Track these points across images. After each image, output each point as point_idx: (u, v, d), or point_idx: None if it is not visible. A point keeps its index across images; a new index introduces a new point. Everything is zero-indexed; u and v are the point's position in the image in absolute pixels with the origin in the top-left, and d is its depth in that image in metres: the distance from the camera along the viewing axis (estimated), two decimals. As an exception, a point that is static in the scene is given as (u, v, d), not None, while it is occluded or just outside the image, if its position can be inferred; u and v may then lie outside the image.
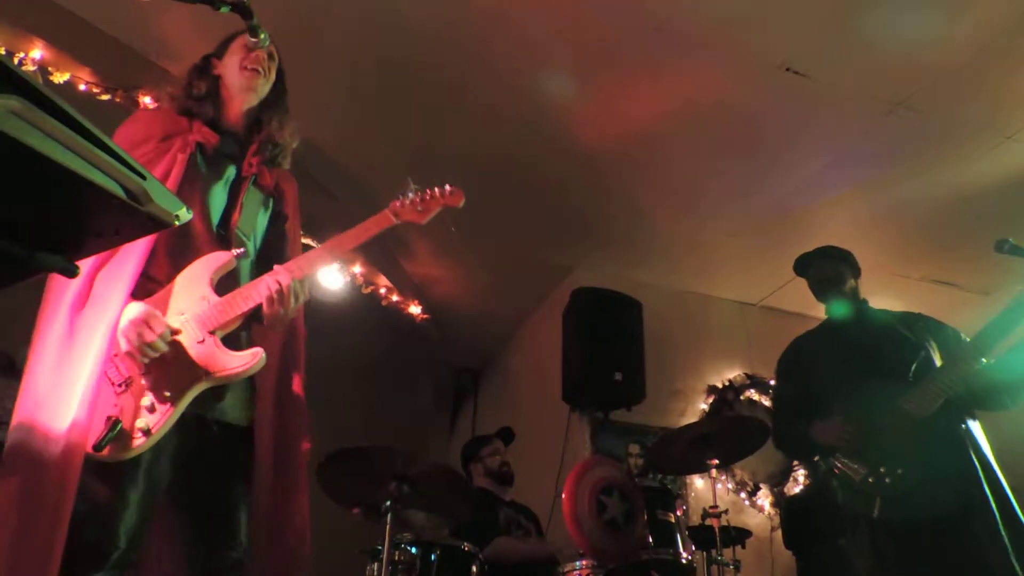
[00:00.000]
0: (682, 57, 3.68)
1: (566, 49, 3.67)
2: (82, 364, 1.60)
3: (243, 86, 1.97)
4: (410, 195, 1.99)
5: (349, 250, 1.85)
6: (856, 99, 3.83)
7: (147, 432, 1.60)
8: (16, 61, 3.40)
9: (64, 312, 1.67)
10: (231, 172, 1.93)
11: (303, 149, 2.16)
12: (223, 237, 1.86)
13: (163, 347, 1.66)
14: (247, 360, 1.71)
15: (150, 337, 1.63)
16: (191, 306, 1.72)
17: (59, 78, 3.56)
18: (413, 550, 2.85)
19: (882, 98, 3.82)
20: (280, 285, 1.73)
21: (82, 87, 3.62)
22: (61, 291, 1.70)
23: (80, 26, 3.56)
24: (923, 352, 2.72)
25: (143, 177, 0.85)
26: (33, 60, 3.48)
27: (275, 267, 1.79)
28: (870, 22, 3.39)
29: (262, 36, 1.79)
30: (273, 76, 2.02)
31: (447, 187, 2.05)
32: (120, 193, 0.83)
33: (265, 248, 2.00)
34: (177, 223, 0.91)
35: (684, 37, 3.55)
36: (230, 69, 1.98)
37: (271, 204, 2.02)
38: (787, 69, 3.65)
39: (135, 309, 1.66)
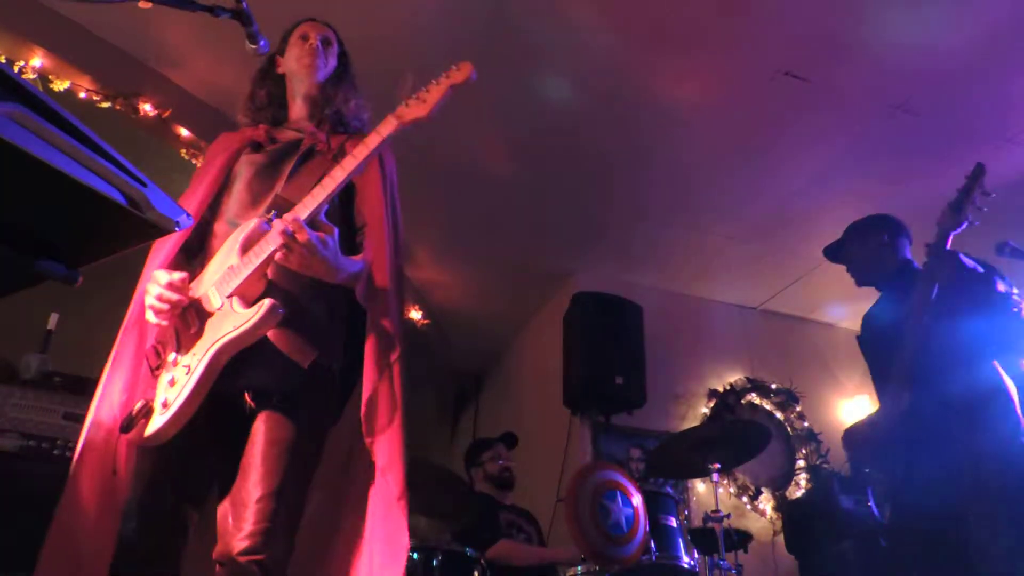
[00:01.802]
0: (682, 61, 3.69)
1: (567, 54, 3.67)
2: (123, 352, 1.70)
3: (302, 75, 2.00)
4: (412, 92, 1.77)
5: (354, 169, 1.68)
6: (855, 103, 3.83)
7: (166, 404, 1.56)
8: (17, 69, 3.41)
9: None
10: (290, 151, 1.90)
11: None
12: (268, 207, 1.78)
13: (172, 296, 1.63)
14: (250, 314, 1.57)
15: (155, 291, 1.63)
16: (216, 274, 1.69)
17: (59, 86, 3.56)
18: (415, 556, 2.84)
19: (881, 101, 3.82)
20: (279, 231, 1.58)
21: (82, 95, 3.63)
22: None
23: (80, 34, 3.57)
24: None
25: (143, 184, 0.85)
26: (33, 68, 3.48)
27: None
28: (869, 26, 3.40)
29: (262, 43, 1.79)
30: (332, 59, 2.06)
31: (452, 66, 1.76)
32: (120, 200, 0.83)
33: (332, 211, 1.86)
34: (177, 229, 0.91)
35: (684, 42, 3.56)
36: (290, 63, 2.03)
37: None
38: (786, 73, 3.66)
39: (150, 285, 1.67)
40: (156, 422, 1.56)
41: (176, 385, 1.58)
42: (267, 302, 1.57)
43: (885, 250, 2.75)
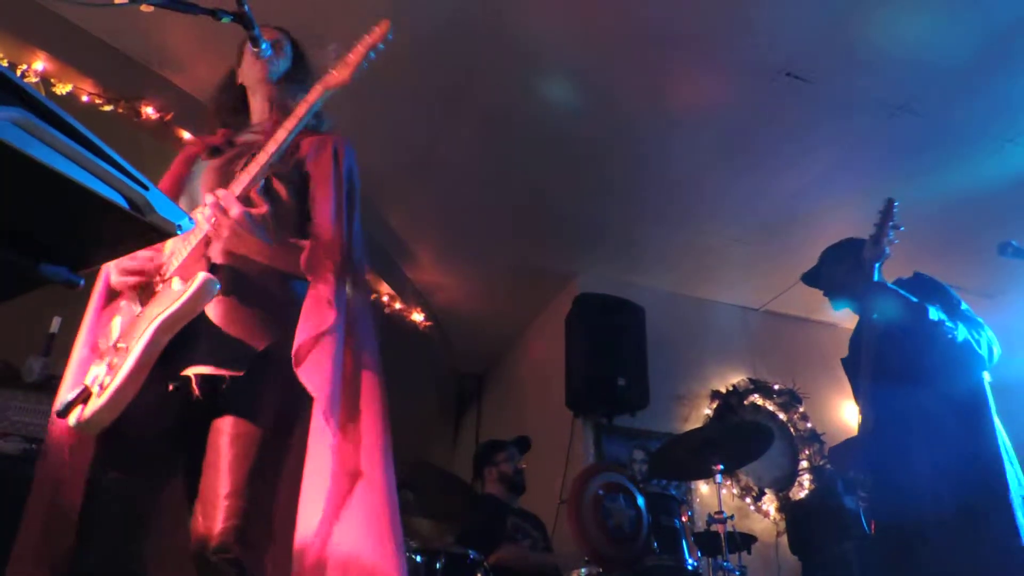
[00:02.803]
0: (683, 62, 3.69)
1: (569, 55, 3.67)
2: (78, 346, 1.74)
3: (256, 79, 2.02)
4: (335, 59, 1.80)
5: (286, 140, 1.69)
6: (857, 103, 3.83)
7: (102, 387, 1.52)
8: (19, 73, 3.42)
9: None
10: (245, 151, 1.89)
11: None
12: None
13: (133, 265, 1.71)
14: (185, 288, 1.54)
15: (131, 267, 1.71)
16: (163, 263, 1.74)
17: (61, 89, 3.57)
18: (418, 559, 2.84)
19: (883, 102, 3.82)
20: (214, 199, 1.61)
21: (84, 98, 3.63)
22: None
23: (82, 38, 3.57)
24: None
25: (145, 188, 0.85)
26: (36, 72, 3.49)
27: None
28: (870, 26, 3.39)
29: (264, 46, 1.80)
30: (284, 59, 2.06)
31: (371, 28, 1.78)
32: (122, 204, 0.83)
33: (283, 209, 1.85)
34: (178, 232, 0.91)
35: (685, 43, 3.56)
36: (245, 72, 2.05)
37: (284, 163, 1.88)
38: (788, 74, 3.66)
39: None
40: (92, 405, 1.53)
41: (113, 369, 1.54)
42: (201, 275, 1.55)
43: (858, 273, 2.77)
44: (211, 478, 1.53)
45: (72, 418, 1.55)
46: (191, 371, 1.58)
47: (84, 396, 1.55)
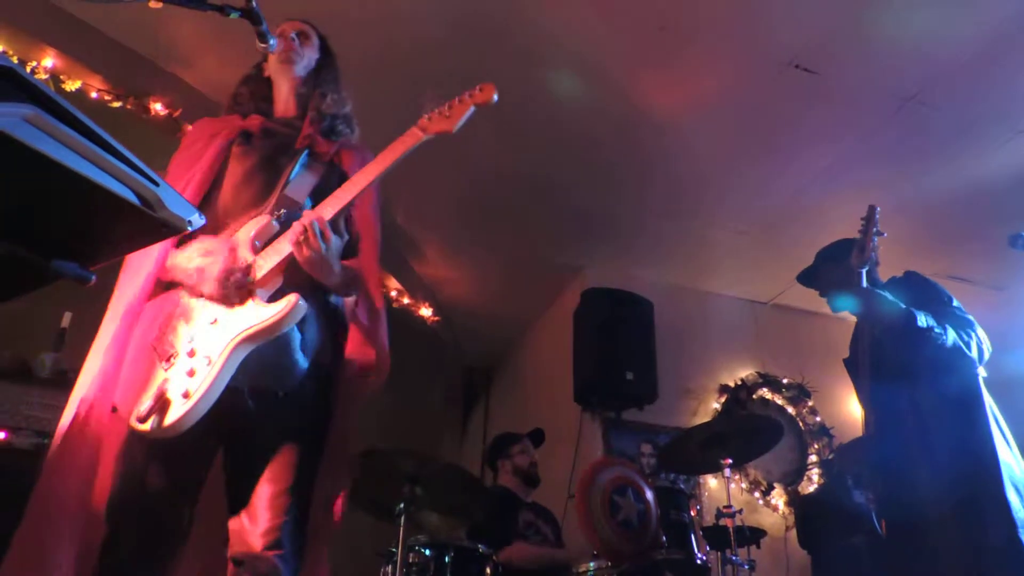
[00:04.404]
0: (690, 55, 3.67)
1: (574, 49, 3.66)
2: (119, 339, 1.66)
3: (284, 73, 2.03)
4: (435, 107, 1.87)
5: (377, 177, 1.73)
6: (866, 95, 3.81)
7: (187, 395, 1.53)
8: (29, 70, 3.43)
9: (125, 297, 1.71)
10: (283, 148, 1.91)
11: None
12: (269, 205, 1.80)
13: (241, 278, 1.64)
14: (280, 309, 1.58)
15: (236, 274, 1.63)
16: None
17: (71, 86, 3.58)
18: (427, 552, 2.85)
19: (892, 94, 3.80)
20: (303, 226, 1.63)
21: (94, 94, 3.65)
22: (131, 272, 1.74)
23: (91, 34, 3.59)
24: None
25: (156, 183, 0.86)
26: (45, 68, 3.51)
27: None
28: (879, 17, 3.37)
29: (271, 42, 1.80)
30: (311, 50, 2.07)
31: (476, 87, 1.86)
32: (133, 200, 0.84)
33: None
34: (190, 228, 0.91)
35: (692, 35, 3.54)
36: (272, 64, 2.05)
37: (332, 173, 1.94)
38: (796, 66, 3.64)
39: (201, 249, 1.66)
40: (176, 412, 1.52)
41: (196, 376, 1.55)
42: (294, 297, 1.59)
43: (854, 275, 2.76)
44: (258, 478, 1.61)
45: (150, 423, 1.52)
46: (251, 383, 1.64)
47: (163, 402, 1.54)
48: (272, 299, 1.64)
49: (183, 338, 1.62)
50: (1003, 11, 3.31)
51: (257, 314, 1.60)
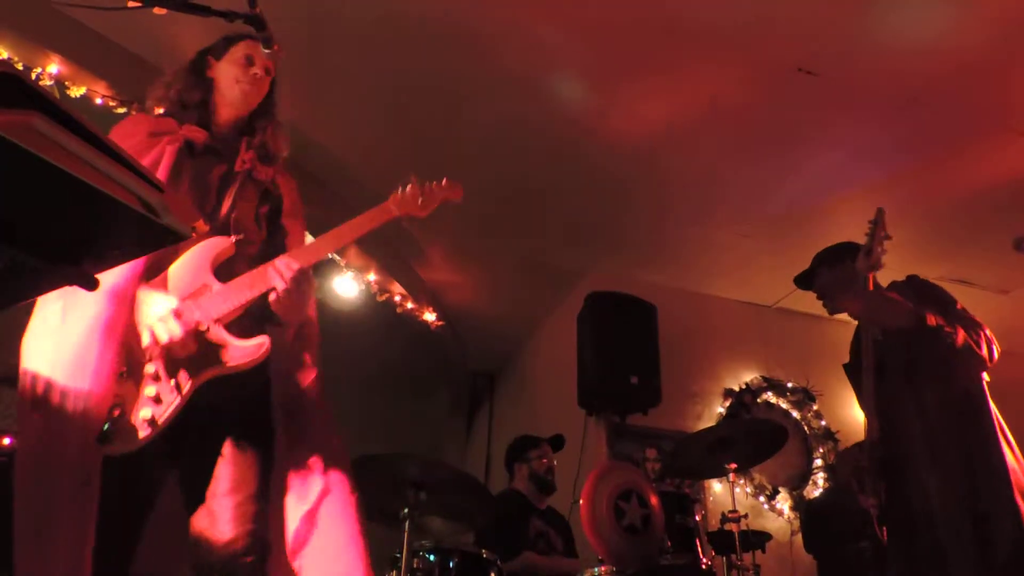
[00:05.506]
0: (694, 60, 3.67)
1: (579, 53, 3.67)
2: (97, 355, 1.51)
3: (235, 100, 1.94)
4: (409, 188, 2.04)
5: (349, 242, 1.87)
6: (869, 97, 3.80)
7: (153, 423, 1.52)
8: (34, 76, 3.44)
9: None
10: (222, 168, 1.87)
11: (314, 153, 2.16)
12: (214, 228, 1.77)
13: (181, 338, 1.58)
14: (253, 350, 1.64)
15: (177, 335, 1.55)
16: (185, 286, 1.64)
17: (76, 92, 3.60)
18: (431, 557, 2.84)
19: (895, 96, 3.79)
20: (286, 270, 1.66)
21: (98, 100, 3.66)
22: None
23: (96, 41, 3.60)
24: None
25: (160, 190, 0.86)
26: (50, 75, 3.52)
27: (279, 256, 1.74)
28: (881, 20, 3.37)
29: (275, 48, 1.79)
30: (267, 88, 2.00)
31: (444, 180, 2.09)
32: (138, 206, 0.84)
33: (264, 242, 1.92)
34: (194, 234, 0.91)
35: (696, 40, 3.54)
36: (225, 78, 1.95)
37: (269, 199, 1.95)
38: (799, 69, 3.64)
39: (159, 302, 1.59)
40: (140, 435, 1.51)
41: (163, 404, 1.55)
42: (266, 342, 1.65)
43: (854, 279, 2.75)
44: (223, 486, 1.62)
45: (109, 444, 1.49)
46: (212, 404, 1.64)
47: (123, 422, 1.53)
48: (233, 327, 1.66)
49: (149, 356, 1.59)
50: (1006, 12, 3.30)
51: (233, 351, 1.64)
